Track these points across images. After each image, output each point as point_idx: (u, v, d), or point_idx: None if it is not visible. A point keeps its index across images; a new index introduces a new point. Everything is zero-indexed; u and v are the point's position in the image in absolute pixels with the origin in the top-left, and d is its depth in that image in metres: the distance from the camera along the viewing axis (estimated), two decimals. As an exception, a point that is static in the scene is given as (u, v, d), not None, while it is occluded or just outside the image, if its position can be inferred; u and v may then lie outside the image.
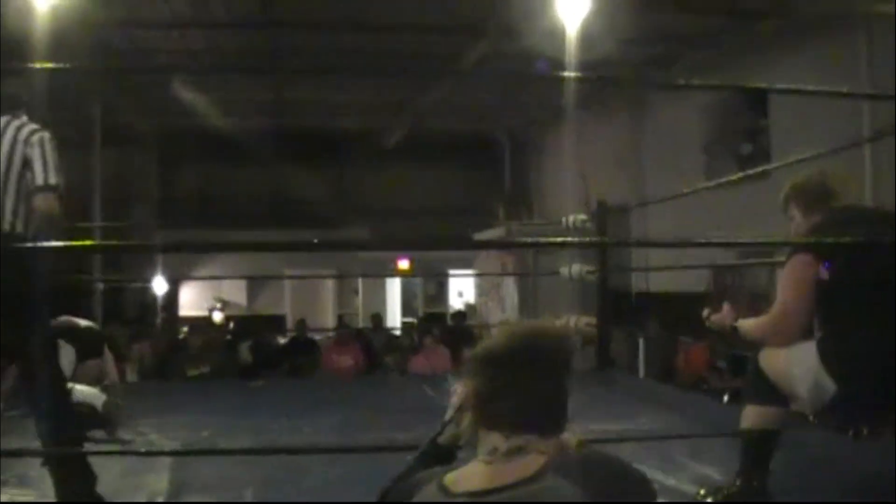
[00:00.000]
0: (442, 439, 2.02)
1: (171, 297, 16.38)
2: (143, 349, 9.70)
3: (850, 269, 3.13)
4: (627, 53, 11.02)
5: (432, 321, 16.65)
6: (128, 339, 9.77)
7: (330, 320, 16.23)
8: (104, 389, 5.31)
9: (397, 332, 13.51)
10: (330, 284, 17.49)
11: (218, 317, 16.33)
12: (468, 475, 1.77)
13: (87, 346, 5.68)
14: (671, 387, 8.41)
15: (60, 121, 13.48)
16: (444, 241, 13.07)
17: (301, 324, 13.08)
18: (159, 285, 14.19)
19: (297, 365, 10.67)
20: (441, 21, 10.12)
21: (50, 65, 6.29)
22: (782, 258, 3.51)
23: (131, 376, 8.79)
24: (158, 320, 14.03)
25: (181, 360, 9.40)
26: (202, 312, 16.50)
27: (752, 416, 3.39)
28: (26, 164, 3.79)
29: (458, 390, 1.96)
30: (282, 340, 12.54)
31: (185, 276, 15.88)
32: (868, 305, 3.13)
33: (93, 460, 3.57)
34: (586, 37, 8.66)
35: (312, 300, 17.26)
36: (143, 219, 15.99)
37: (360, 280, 17.41)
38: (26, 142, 3.79)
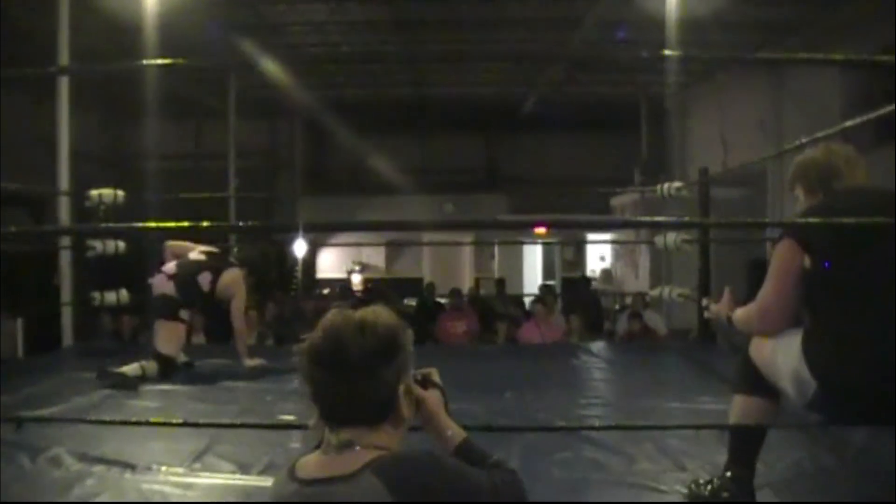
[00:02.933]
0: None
1: (311, 260, 16.91)
2: (265, 314, 9.99)
3: (842, 257, 2.94)
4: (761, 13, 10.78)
5: (568, 286, 16.67)
6: (252, 305, 10.02)
7: (467, 284, 16.43)
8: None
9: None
10: (468, 248, 17.65)
11: (356, 279, 16.84)
12: (310, 462, 1.88)
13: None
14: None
15: (200, 92, 14.41)
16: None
17: (430, 288, 13.25)
18: (299, 248, 14.65)
19: (422, 331, 10.74)
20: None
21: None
22: None
23: (250, 340, 9.06)
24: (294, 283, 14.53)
25: (297, 325, 9.64)
26: (341, 275, 17.05)
27: (739, 406, 3.27)
28: None
29: None
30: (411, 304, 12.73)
31: (325, 242, 16.43)
32: (860, 297, 2.92)
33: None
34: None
35: (450, 264, 17.51)
36: (288, 188, 16.57)
37: (496, 245, 17.48)
38: None
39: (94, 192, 6.91)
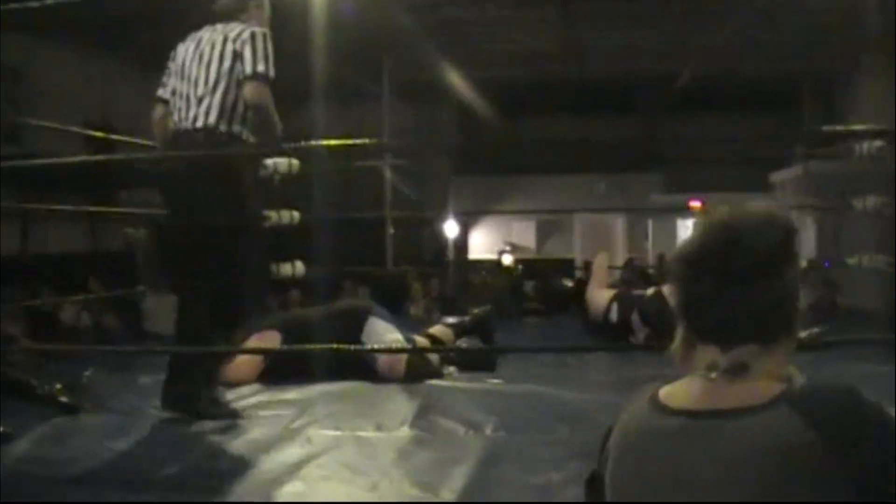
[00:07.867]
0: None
1: (462, 240, 16.97)
2: (431, 289, 10.18)
3: None
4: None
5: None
6: (416, 278, 10.27)
7: (620, 264, 16.18)
8: None
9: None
10: (620, 229, 17.41)
11: (507, 260, 16.80)
12: (686, 391, 1.54)
13: None
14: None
15: (352, 73, 14.58)
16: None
17: (588, 266, 13.15)
18: (450, 228, 14.70)
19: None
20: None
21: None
22: None
23: (416, 313, 9.24)
24: (449, 261, 14.57)
25: (465, 298, 9.79)
26: (492, 256, 17.04)
27: None
28: (236, 57, 4.00)
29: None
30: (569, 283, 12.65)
31: (475, 212, 16.37)
32: None
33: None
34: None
35: (602, 244, 17.24)
36: (440, 166, 16.61)
37: (650, 223, 17.17)
38: (237, 39, 4.01)
39: (268, 161, 7.00)
